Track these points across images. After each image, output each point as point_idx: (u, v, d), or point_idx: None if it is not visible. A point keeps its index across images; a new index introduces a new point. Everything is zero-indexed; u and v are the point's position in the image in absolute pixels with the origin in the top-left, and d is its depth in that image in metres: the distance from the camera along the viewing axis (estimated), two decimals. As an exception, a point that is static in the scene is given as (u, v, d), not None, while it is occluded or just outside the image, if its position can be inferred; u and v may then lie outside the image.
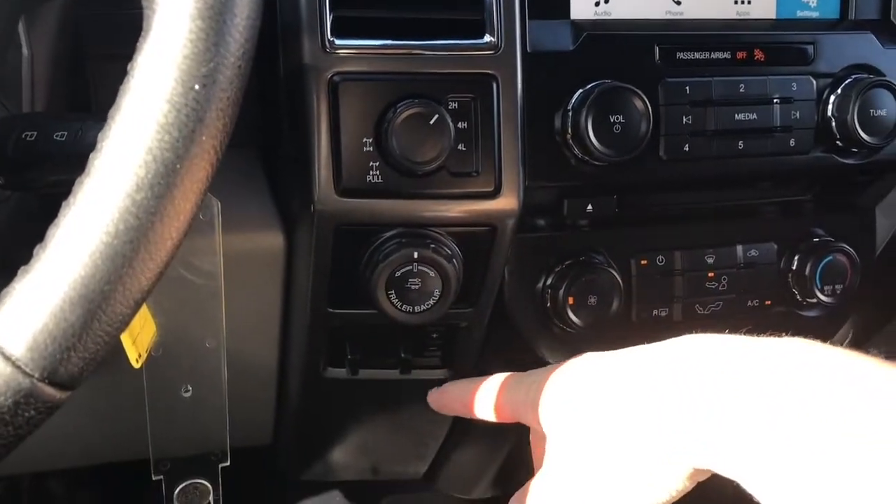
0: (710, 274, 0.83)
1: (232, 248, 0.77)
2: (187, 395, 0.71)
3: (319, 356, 0.84)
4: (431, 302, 0.73)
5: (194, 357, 0.70)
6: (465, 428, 0.99)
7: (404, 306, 0.73)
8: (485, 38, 0.71)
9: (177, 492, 0.75)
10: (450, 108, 0.70)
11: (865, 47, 0.81)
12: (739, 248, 0.83)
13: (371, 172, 0.70)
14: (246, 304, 0.81)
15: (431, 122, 0.68)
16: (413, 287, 0.72)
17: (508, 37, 0.71)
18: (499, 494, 1.11)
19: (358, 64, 0.69)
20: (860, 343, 1.05)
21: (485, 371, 0.88)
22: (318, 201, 0.71)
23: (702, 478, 0.51)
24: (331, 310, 0.78)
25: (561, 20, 0.75)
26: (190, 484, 0.75)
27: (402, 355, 0.82)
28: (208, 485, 0.74)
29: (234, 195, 0.78)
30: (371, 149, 0.69)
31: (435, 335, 0.84)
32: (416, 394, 0.92)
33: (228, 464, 0.76)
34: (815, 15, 0.82)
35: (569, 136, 0.73)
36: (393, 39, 0.69)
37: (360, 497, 1.23)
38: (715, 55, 0.76)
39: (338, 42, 0.69)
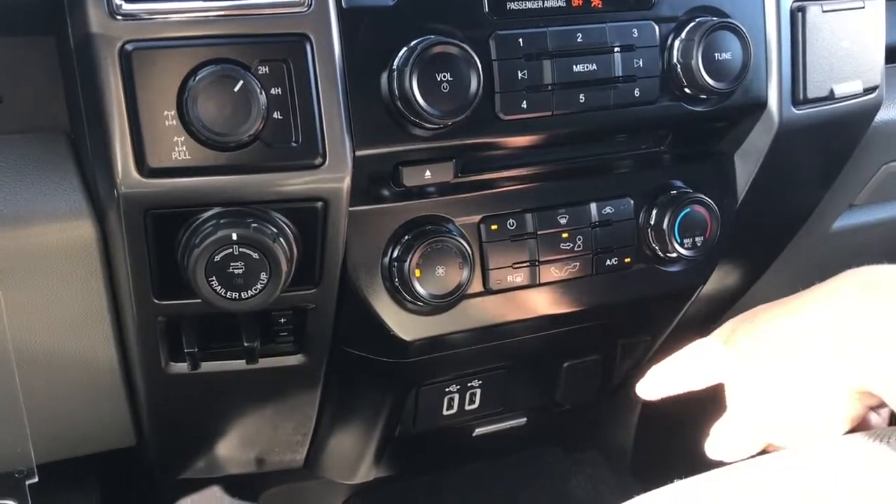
0: (565, 235, 0.79)
1: (38, 242, 0.70)
2: (-28, 410, 0.64)
3: (157, 351, 0.77)
4: (259, 286, 0.67)
5: (-26, 369, 0.64)
6: (335, 415, 0.95)
7: (228, 293, 0.67)
8: (292, -6, 0.65)
9: (-20, 516, 0.68)
10: (259, 73, 0.64)
11: (709, -12, 0.77)
12: (593, 206, 0.80)
13: (177, 149, 0.64)
14: (66, 300, 0.74)
15: (236, 89, 0.62)
16: (236, 271, 0.66)
17: (319, -8, 0.65)
18: (381, 477, 1.07)
19: (151, 30, 0.63)
20: (737, 297, 1.04)
21: (343, 354, 0.83)
22: (122, 184, 0.64)
23: (871, 402, 0.60)
24: (157, 301, 0.72)
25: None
26: (-5, 506, 0.68)
27: (246, 344, 0.77)
28: (16, 505, 0.68)
29: (37, 184, 0.71)
30: (174, 122, 0.63)
31: (283, 320, 0.79)
32: (276, 382, 0.87)
33: (36, 480, 0.69)
34: (654, -44, 0.78)
35: (397, 98, 0.68)
36: (189, 0, 0.63)
37: (239, 490, 1.17)
38: (549, 3, 0.72)
39: (127, 6, 0.62)
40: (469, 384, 0.93)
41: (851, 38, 0.84)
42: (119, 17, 0.62)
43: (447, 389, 0.92)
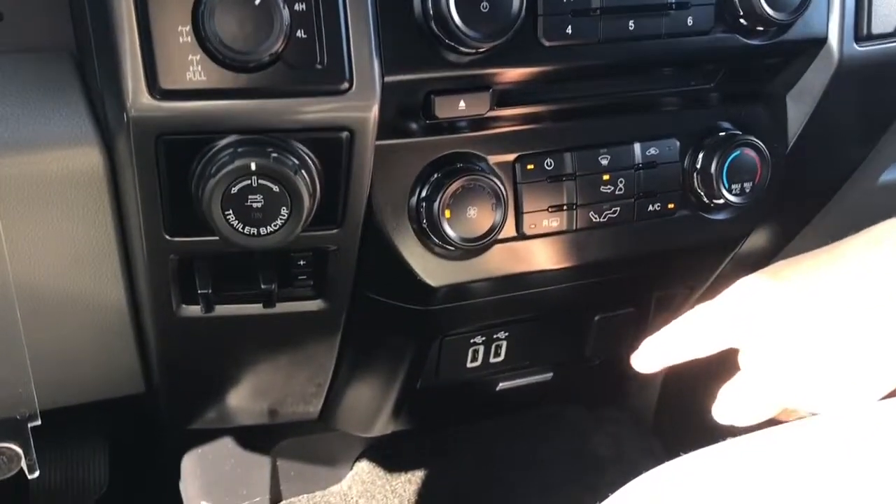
0: (606, 176, 0.74)
1: (41, 170, 0.65)
2: (-28, 349, 0.60)
3: (168, 293, 0.73)
4: (279, 222, 0.62)
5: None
6: (354, 364, 0.90)
7: (246, 228, 0.62)
8: None
9: (-20, 460, 0.64)
10: (282, -14, 0.58)
11: None
12: (637, 147, 0.74)
13: (192, 69, 0.58)
14: (71, 234, 0.69)
15: (257, 2, 0.57)
16: (254, 205, 0.61)
17: None
18: (398, 431, 1.03)
19: (164, -64, 0.57)
20: (778, 249, 0.99)
21: (364, 300, 0.79)
22: (132, 107, 0.59)
23: None
24: (169, 237, 0.67)
25: None
26: (-6, 449, 0.64)
27: (263, 287, 0.72)
28: (17, 448, 0.63)
29: (40, 107, 0.66)
30: (189, 39, 0.57)
31: (302, 262, 0.74)
32: (293, 328, 0.82)
33: (39, 423, 0.65)
34: None
35: (431, 19, 0.62)
36: None
37: (251, 442, 1.14)
38: (598, -83, 0.66)
39: None
40: (495, 336, 0.88)
41: (922, -31, 0.78)
42: (128, -79, 0.57)
43: (472, 341, 0.88)
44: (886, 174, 1.04)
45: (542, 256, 0.76)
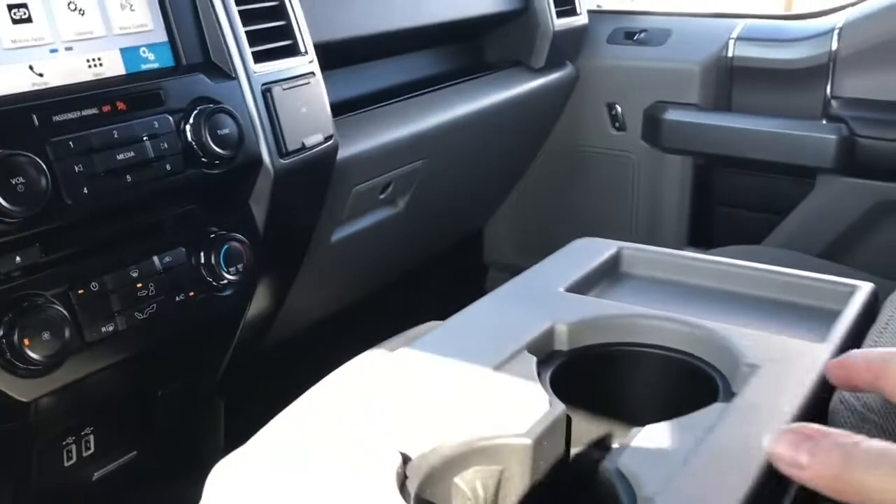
0: (139, 285, 1.01)
1: None
2: None
3: None
4: None
5: None
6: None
7: None
8: None
9: None
10: None
11: (201, 84, 1.06)
12: (156, 259, 1.03)
13: None
14: None
15: None
16: None
17: None
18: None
19: None
20: (279, 307, 1.35)
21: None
22: None
23: None
24: None
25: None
26: None
27: None
28: None
29: None
30: None
31: None
32: None
33: None
34: (155, 65, 1.04)
35: (-17, 204, 0.84)
36: None
37: None
38: (86, 112, 0.94)
39: None
40: (83, 432, 1.08)
41: (307, 104, 1.20)
42: None
43: (65, 442, 1.07)
44: (335, 235, 1.48)
45: (107, 356, 1.00)
